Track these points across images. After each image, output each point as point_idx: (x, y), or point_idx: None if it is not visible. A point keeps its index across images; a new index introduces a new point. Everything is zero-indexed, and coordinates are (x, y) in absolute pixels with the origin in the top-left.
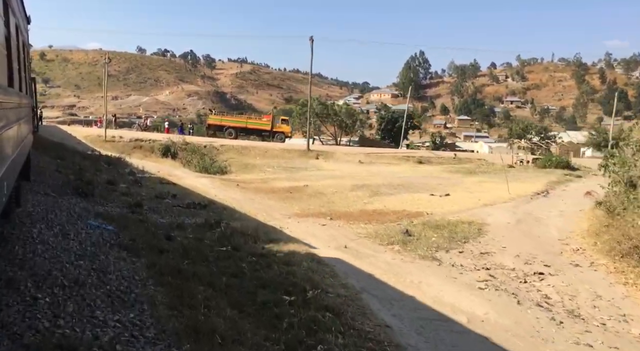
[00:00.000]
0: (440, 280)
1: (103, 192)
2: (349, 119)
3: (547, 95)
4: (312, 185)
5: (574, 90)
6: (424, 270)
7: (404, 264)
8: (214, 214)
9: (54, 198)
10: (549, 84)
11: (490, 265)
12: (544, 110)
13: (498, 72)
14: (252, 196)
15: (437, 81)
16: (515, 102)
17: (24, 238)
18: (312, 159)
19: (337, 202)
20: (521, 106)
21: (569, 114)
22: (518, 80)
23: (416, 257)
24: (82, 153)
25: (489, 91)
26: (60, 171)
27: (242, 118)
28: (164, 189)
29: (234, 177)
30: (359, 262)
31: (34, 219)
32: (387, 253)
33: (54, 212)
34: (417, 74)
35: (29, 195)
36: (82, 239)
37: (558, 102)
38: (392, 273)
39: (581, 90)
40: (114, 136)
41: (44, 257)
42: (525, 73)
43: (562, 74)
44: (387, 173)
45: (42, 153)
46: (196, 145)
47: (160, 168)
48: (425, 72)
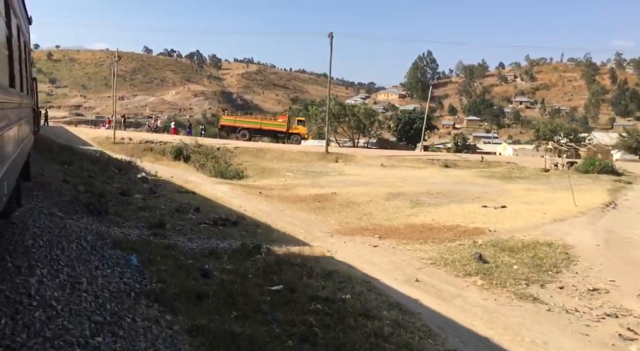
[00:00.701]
0: (568, 339)
1: (117, 207)
2: (367, 120)
3: (557, 95)
4: (341, 192)
5: (583, 90)
6: (537, 320)
7: (504, 309)
8: (248, 233)
9: (61, 220)
10: (558, 84)
11: (613, 311)
12: (554, 110)
13: (506, 72)
14: (280, 206)
15: (444, 81)
16: (524, 102)
17: (16, 298)
18: (331, 162)
19: (376, 214)
20: (530, 106)
21: (581, 115)
22: (527, 80)
23: (510, 295)
24: (91, 157)
25: (498, 91)
26: (68, 181)
27: (256, 119)
28: (183, 200)
29: (252, 182)
30: (446, 306)
31: (35, 258)
32: (472, 290)
33: (60, 245)
34: (425, 74)
35: (32, 217)
36: (98, 289)
37: (568, 102)
38: (499, 327)
39: (591, 91)
40: (123, 138)
41: (44, 335)
42: (534, 73)
43: (571, 74)
44: (415, 178)
45: (48, 158)
46: (209, 147)
47: (173, 173)
48: (433, 72)
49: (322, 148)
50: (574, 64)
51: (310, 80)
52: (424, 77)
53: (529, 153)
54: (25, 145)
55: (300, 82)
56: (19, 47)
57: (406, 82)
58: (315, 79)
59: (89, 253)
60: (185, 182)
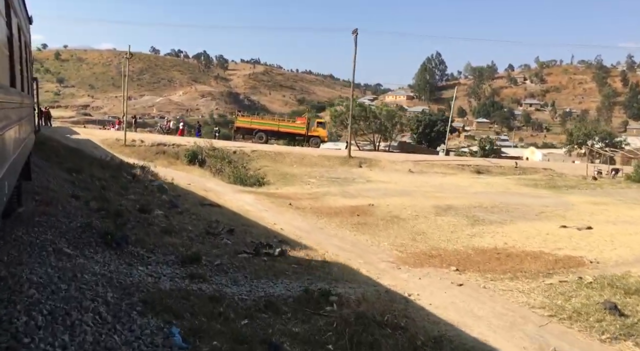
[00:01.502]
0: None
1: (138, 231)
2: (389, 122)
3: (567, 97)
4: (379, 204)
5: (594, 93)
6: None
7: None
8: (302, 268)
9: (70, 262)
10: (568, 86)
11: None
12: (566, 113)
13: (516, 74)
14: (317, 221)
15: (453, 83)
16: (534, 105)
17: None
18: (354, 167)
19: (431, 234)
20: (540, 109)
21: (593, 118)
22: (537, 82)
23: None
24: (101, 161)
25: (507, 93)
26: (78, 196)
27: (273, 120)
28: (210, 216)
29: (274, 189)
30: None
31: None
32: None
33: (69, 320)
34: (433, 75)
35: (31, 260)
36: None
37: (579, 104)
38: None
39: (603, 93)
40: (134, 140)
41: None
42: (544, 75)
43: (582, 76)
44: (452, 186)
45: (56, 163)
46: (225, 150)
47: (190, 179)
48: (442, 74)
49: (343, 152)
50: (584, 66)
51: (316, 81)
52: (432, 79)
53: (559, 158)
54: (26, 145)
55: (307, 83)
56: (20, 47)
57: (414, 84)
58: (321, 80)
59: (111, 329)
60: (204, 191)
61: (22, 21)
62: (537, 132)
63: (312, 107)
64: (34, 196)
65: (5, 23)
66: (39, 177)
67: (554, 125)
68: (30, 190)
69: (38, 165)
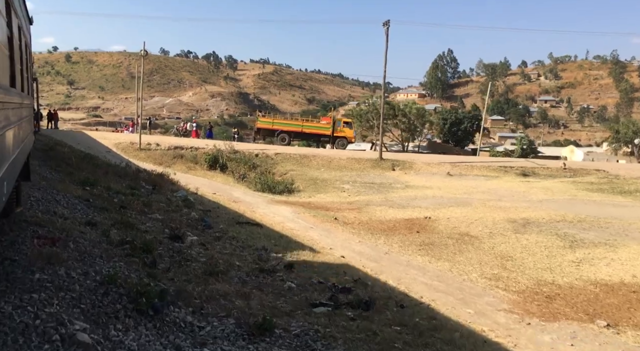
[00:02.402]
0: None
1: (176, 274)
2: (419, 121)
3: (583, 93)
4: (436, 216)
5: (611, 88)
6: None
7: None
8: (412, 335)
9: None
10: (584, 82)
11: None
12: (583, 109)
13: (529, 70)
14: (375, 242)
15: (465, 80)
16: (549, 101)
17: None
18: (387, 171)
19: (521, 259)
20: (556, 105)
21: (611, 113)
22: (551, 78)
23: None
24: (116, 169)
25: (521, 90)
26: (95, 223)
27: (296, 120)
28: (253, 240)
29: (307, 198)
30: None
31: None
32: None
33: None
34: (445, 73)
35: None
36: None
37: (595, 100)
38: None
39: (620, 89)
40: (150, 143)
41: None
42: (558, 71)
43: (597, 71)
44: (507, 192)
45: (67, 175)
46: (246, 154)
47: (214, 187)
48: (454, 71)
49: (373, 154)
50: (599, 61)
51: (326, 81)
52: (444, 76)
53: (601, 157)
54: (25, 145)
55: (316, 82)
56: (20, 47)
57: (426, 82)
58: (331, 79)
59: None
60: (234, 202)
61: (23, 21)
62: (554, 129)
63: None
64: (36, 230)
65: (6, 23)
66: (46, 196)
67: (571, 122)
68: (32, 219)
69: (46, 178)
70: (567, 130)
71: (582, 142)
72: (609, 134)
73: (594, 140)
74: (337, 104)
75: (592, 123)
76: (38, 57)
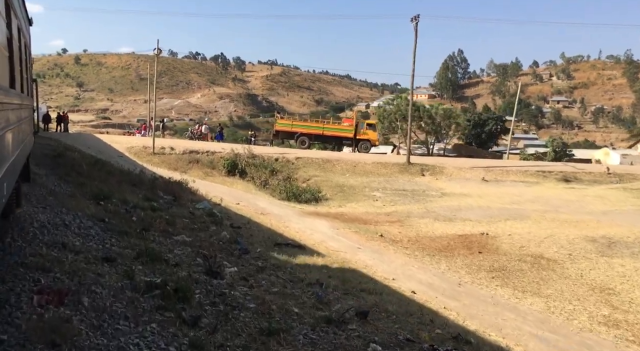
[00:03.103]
0: None
1: (224, 337)
2: (445, 122)
3: (597, 94)
4: (494, 232)
5: (625, 88)
6: None
7: None
8: None
9: None
10: (597, 82)
11: None
12: (598, 109)
13: (541, 70)
14: (437, 267)
15: (475, 81)
16: (562, 102)
17: None
18: (417, 176)
19: (631, 293)
20: (569, 106)
21: (627, 114)
22: (564, 78)
23: None
24: (130, 176)
25: (533, 90)
26: (113, 259)
27: (317, 122)
28: (300, 269)
29: (338, 207)
30: None
31: None
32: None
33: None
34: (455, 73)
35: None
36: None
37: (609, 101)
38: None
39: (634, 89)
40: (164, 147)
41: None
42: (571, 71)
43: (611, 71)
44: (561, 201)
45: (77, 187)
46: (266, 158)
47: (237, 196)
48: (464, 72)
49: (399, 157)
50: (613, 61)
51: (334, 82)
52: (454, 77)
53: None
54: (25, 146)
55: (324, 83)
56: (20, 48)
57: (436, 82)
58: (339, 80)
59: None
60: (261, 214)
61: (22, 22)
62: (568, 130)
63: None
64: (38, 278)
65: (5, 24)
66: (53, 219)
67: (585, 123)
68: (34, 262)
69: (54, 193)
70: (582, 131)
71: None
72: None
73: (609, 141)
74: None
75: (607, 124)
76: (47, 59)
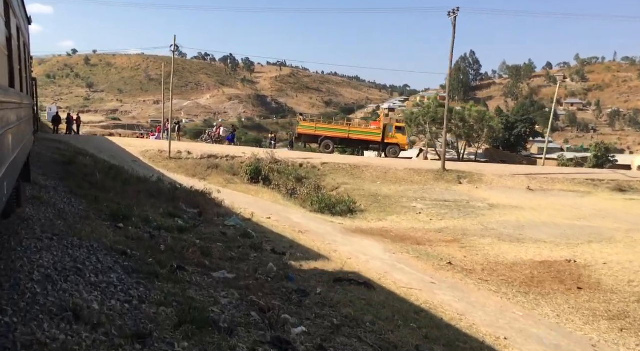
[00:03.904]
0: None
1: None
2: (478, 125)
3: (612, 96)
4: (583, 259)
5: None
6: None
7: None
8: None
9: None
10: (612, 84)
11: None
12: (613, 112)
13: (554, 72)
14: (541, 312)
15: (487, 82)
16: (576, 104)
17: None
18: (454, 184)
19: None
20: (583, 108)
21: None
22: (578, 80)
23: None
24: (148, 186)
25: (546, 92)
26: (149, 335)
27: (342, 125)
28: (385, 325)
29: (377, 221)
30: None
31: None
32: None
33: None
34: (467, 75)
35: None
36: None
37: (624, 103)
38: None
39: None
40: (180, 151)
41: None
42: (585, 73)
43: (626, 73)
44: (629, 215)
45: (91, 204)
46: (291, 164)
47: (265, 208)
48: (476, 73)
49: (430, 163)
50: (628, 63)
51: (343, 83)
52: (465, 78)
53: None
54: (25, 145)
55: (333, 85)
56: (19, 48)
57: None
58: (347, 81)
59: None
60: (299, 231)
61: (21, 21)
62: (583, 132)
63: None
64: None
65: (4, 23)
66: (62, 259)
67: (601, 126)
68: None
69: (64, 214)
70: (597, 134)
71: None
72: None
73: (626, 145)
74: (355, 107)
75: (624, 127)
76: (57, 59)
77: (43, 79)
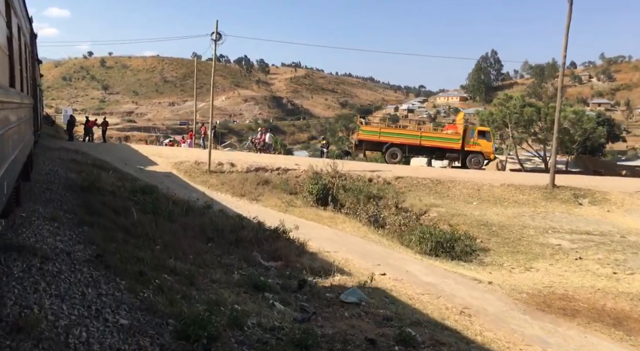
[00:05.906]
0: None
1: None
2: (575, 128)
3: None
4: None
5: None
6: None
7: None
8: None
9: None
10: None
11: None
12: None
13: (579, 71)
14: None
15: (509, 83)
16: (603, 104)
17: None
18: (571, 205)
19: None
20: (611, 109)
21: None
22: (604, 80)
23: None
24: (198, 218)
25: (571, 92)
26: None
27: (412, 130)
28: None
29: (523, 271)
30: None
31: None
32: None
33: None
34: (488, 75)
35: None
36: None
37: None
38: None
39: None
40: (221, 163)
41: None
42: (611, 72)
43: None
44: None
45: (135, 284)
46: (355, 178)
47: (357, 247)
48: (497, 73)
49: (531, 177)
50: None
51: (358, 84)
52: (486, 78)
53: None
54: (25, 145)
55: (349, 85)
56: (20, 47)
57: (468, 84)
58: (362, 82)
59: None
60: (459, 313)
61: (22, 21)
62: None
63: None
64: None
65: (5, 23)
66: None
67: (632, 127)
68: None
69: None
70: (630, 135)
71: None
72: None
73: None
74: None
75: None
76: (74, 62)
77: (59, 81)
